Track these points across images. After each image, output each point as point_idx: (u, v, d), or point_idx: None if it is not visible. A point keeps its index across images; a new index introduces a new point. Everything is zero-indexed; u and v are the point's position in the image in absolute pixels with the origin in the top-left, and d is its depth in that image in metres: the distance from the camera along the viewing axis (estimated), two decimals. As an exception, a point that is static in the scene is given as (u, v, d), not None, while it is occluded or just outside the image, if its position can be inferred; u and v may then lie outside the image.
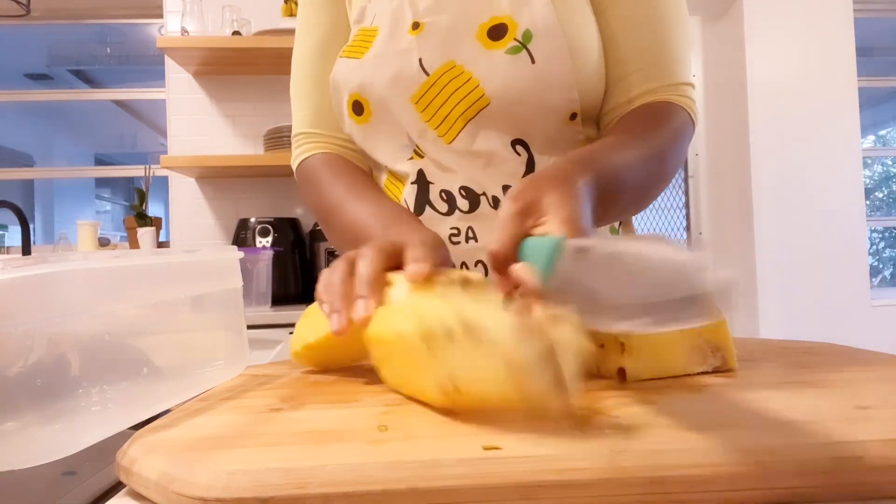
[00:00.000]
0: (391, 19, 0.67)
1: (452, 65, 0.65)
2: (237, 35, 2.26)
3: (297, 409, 0.41)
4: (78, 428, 0.36)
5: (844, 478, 0.28)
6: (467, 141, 0.66)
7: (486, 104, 0.65)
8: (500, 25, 0.64)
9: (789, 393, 0.40)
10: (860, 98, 2.65)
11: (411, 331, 0.35)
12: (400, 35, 0.67)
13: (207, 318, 0.53)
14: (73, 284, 0.37)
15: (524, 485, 0.28)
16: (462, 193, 0.67)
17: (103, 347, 0.40)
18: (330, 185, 0.72)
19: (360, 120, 0.70)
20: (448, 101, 0.65)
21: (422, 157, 0.69)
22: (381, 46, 0.67)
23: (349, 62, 0.70)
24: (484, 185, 0.66)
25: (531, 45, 0.63)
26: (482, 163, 0.66)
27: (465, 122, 0.66)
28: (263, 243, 2.19)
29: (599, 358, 0.47)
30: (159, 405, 0.43)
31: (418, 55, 0.65)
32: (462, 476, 0.28)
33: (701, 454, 0.29)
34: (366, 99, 0.68)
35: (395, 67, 0.66)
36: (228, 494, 0.28)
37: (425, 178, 0.68)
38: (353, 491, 0.27)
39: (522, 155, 0.67)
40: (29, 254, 2.14)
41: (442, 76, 0.65)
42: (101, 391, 0.38)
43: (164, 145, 2.54)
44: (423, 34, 0.65)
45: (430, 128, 0.67)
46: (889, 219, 3.88)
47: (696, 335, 0.46)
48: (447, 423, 0.36)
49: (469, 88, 0.65)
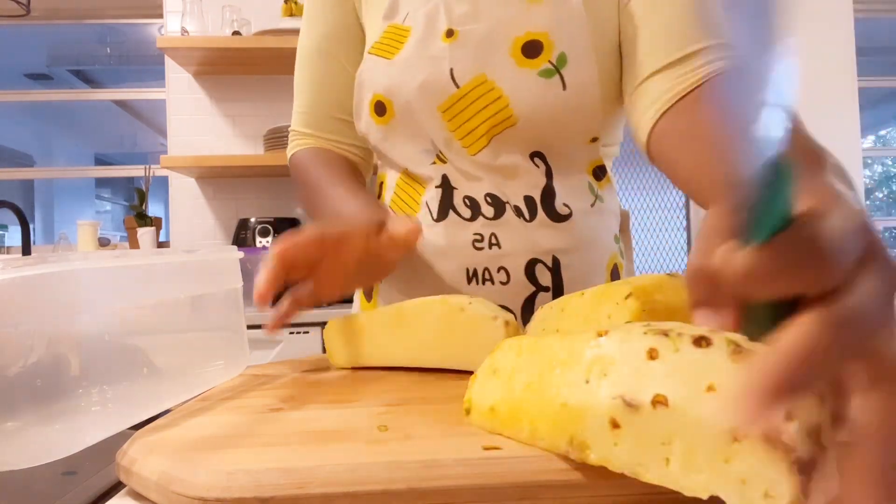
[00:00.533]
0: (425, 22, 0.66)
1: (483, 79, 0.64)
2: (237, 35, 2.26)
3: (297, 409, 0.41)
4: (78, 428, 0.36)
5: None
6: (491, 156, 0.66)
7: (514, 124, 0.65)
8: (536, 42, 0.63)
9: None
10: (860, 98, 2.65)
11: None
12: (433, 40, 0.66)
13: (208, 318, 0.53)
14: (73, 284, 0.37)
15: (524, 485, 0.28)
16: (488, 200, 0.66)
17: (103, 347, 0.40)
18: (314, 177, 0.74)
19: (381, 121, 0.70)
20: (476, 116, 0.65)
21: (445, 163, 0.68)
22: (413, 49, 0.66)
23: (378, 61, 0.69)
24: (507, 194, 0.66)
25: (564, 71, 0.63)
26: (504, 174, 0.67)
27: (490, 139, 0.66)
28: (263, 243, 2.19)
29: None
30: (159, 405, 0.43)
31: (450, 65, 0.65)
32: (462, 476, 0.28)
33: None
34: (390, 101, 0.68)
35: (426, 74, 0.65)
36: (228, 494, 0.28)
37: (450, 184, 0.68)
38: (353, 491, 0.27)
39: (541, 167, 0.67)
40: (29, 254, 2.14)
41: (472, 90, 0.65)
42: (101, 391, 0.38)
43: (164, 145, 2.54)
44: (456, 43, 0.65)
45: (456, 138, 0.67)
46: (889, 219, 3.88)
47: None
48: (447, 423, 0.36)
49: (498, 107, 0.64)
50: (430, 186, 0.69)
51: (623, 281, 0.49)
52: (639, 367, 0.26)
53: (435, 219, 0.68)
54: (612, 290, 0.47)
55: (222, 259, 0.53)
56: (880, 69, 3.73)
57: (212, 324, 0.54)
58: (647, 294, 0.45)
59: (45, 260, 0.34)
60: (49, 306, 0.35)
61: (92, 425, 0.37)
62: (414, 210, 0.70)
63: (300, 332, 1.90)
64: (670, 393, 0.24)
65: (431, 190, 0.68)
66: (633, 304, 0.44)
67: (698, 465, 0.24)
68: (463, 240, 0.66)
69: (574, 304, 0.51)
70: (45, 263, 0.34)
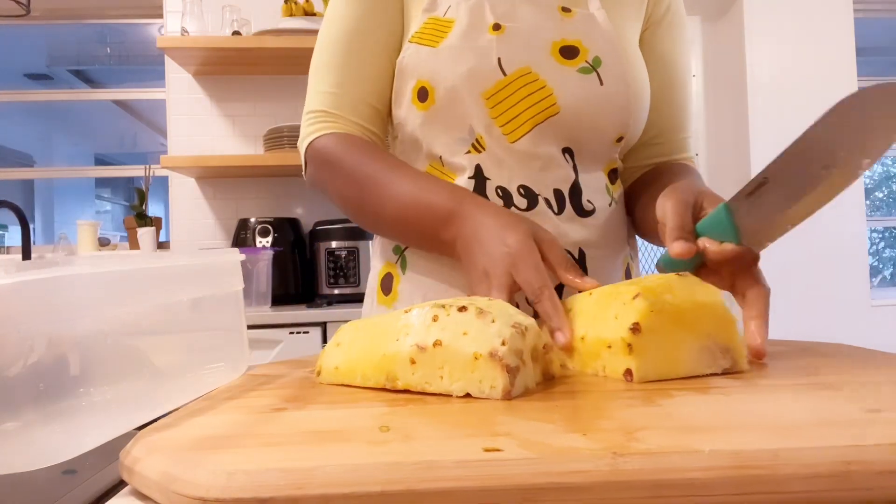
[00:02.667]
0: (469, 15, 0.68)
1: (528, 70, 0.67)
2: (237, 35, 2.26)
3: (300, 409, 0.41)
4: (78, 430, 0.36)
5: (853, 483, 0.27)
6: (531, 144, 0.68)
7: (556, 112, 0.67)
8: (572, 47, 0.69)
9: (799, 395, 0.39)
10: (860, 98, 2.64)
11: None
12: (480, 32, 0.68)
13: (208, 319, 0.53)
14: (74, 289, 0.37)
15: (524, 487, 0.27)
16: (521, 192, 0.68)
17: (104, 348, 0.40)
18: (360, 160, 0.69)
19: (423, 107, 0.70)
20: (520, 104, 0.67)
21: (479, 153, 0.69)
22: (459, 39, 0.68)
23: (421, 49, 0.69)
24: (539, 187, 0.68)
25: (600, 70, 0.69)
26: (539, 165, 0.68)
27: (533, 126, 0.68)
28: (263, 243, 2.19)
29: (606, 359, 0.46)
30: (160, 407, 0.43)
31: (497, 54, 0.67)
32: (461, 478, 0.28)
33: (704, 458, 0.28)
34: (434, 87, 0.68)
35: (473, 62, 0.67)
36: (227, 495, 0.28)
37: (482, 174, 0.69)
38: (352, 492, 0.27)
39: (569, 162, 0.70)
40: (29, 253, 2.14)
41: (518, 79, 0.67)
42: (102, 392, 0.38)
43: (164, 145, 2.54)
44: (504, 36, 0.67)
45: (497, 125, 0.68)
46: (889, 219, 3.87)
47: (706, 336, 0.45)
48: (450, 424, 0.35)
49: (543, 95, 0.67)
50: (462, 177, 0.69)
51: (632, 281, 0.50)
52: (427, 326, 0.44)
53: None
54: (620, 291, 0.47)
55: (223, 262, 0.53)
56: (880, 69, 3.72)
57: (212, 326, 0.54)
58: (655, 294, 0.45)
59: (46, 264, 0.34)
60: (51, 311, 0.35)
61: (93, 428, 0.37)
62: None
63: (300, 333, 1.90)
64: (443, 338, 0.43)
65: (464, 180, 0.69)
66: (640, 304, 0.44)
67: (458, 377, 0.42)
68: None
69: (581, 304, 0.52)
70: (47, 269, 0.34)
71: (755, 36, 2.66)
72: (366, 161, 0.69)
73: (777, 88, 2.64)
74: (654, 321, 0.44)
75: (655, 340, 0.44)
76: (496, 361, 0.41)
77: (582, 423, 0.34)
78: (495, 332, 0.42)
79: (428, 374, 0.43)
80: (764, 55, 2.65)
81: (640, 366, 0.44)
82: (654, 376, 0.44)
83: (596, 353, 0.48)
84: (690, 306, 0.45)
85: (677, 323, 0.45)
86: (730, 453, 0.28)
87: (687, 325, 0.45)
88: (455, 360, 0.42)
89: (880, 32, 3.66)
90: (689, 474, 0.27)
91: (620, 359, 0.45)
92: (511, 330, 0.42)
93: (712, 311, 0.46)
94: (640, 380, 0.44)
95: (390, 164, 0.69)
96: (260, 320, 1.88)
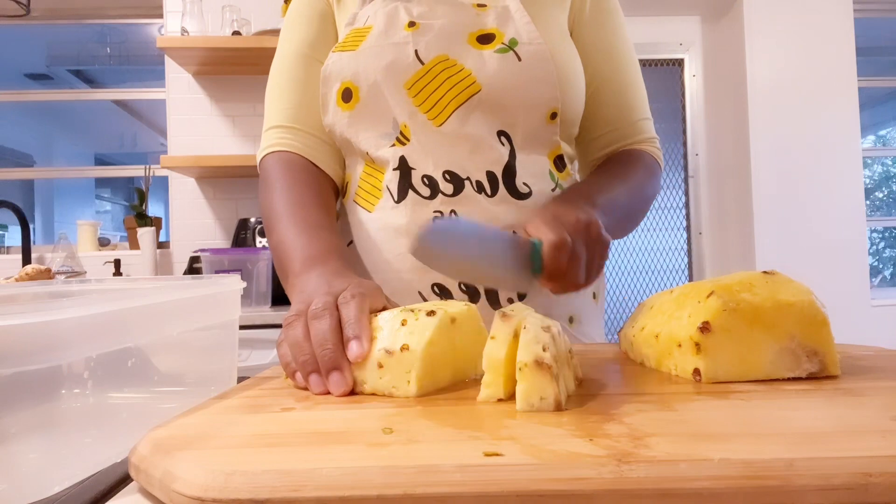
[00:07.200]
0: (386, 18, 0.72)
1: (446, 58, 0.70)
2: (237, 35, 2.26)
3: (309, 409, 0.41)
4: (74, 440, 0.36)
5: (873, 496, 0.26)
6: (457, 124, 0.70)
7: (478, 90, 0.69)
8: (489, 34, 0.71)
9: (825, 400, 0.37)
10: (860, 98, 2.65)
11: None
12: (396, 30, 0.71)
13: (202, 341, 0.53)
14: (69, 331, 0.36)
15: (522, 494, 0.27)
16: (446, 178, 0.70)
17: (102, 353, 0.40)
18: (281, 191, 0.72)
19: (348, 107, 0.73)
20: (441, 87, 0.70)
21: (404, 145, 0.71)
22: (377, 39, 0.71)
23: (343, 55, 0.73)
24: (468, 169, 0.70)
25: (517, 49, 0.70)
26: (469, 147, 0.70)
27: (457, 107, 0.70)
28: (263, 243, 2.19)
29: (677, 358, 0.45)
30: (161, 410, 0.42)
31: (414, 47, 0.70)
32: (459, 483, 0.27)
33: (714, 467, 0.27)
34: (357, 86, 0.72)
35: (391, 56, 0.70)
36: (225, 495, 0.28)
37: (407, 164, 0.71)
38: (349, 495, 0.27)
39: (506, 146, 0.71)
40: (29, 254, 2.14)
41: (436, 66, 0.70)
42: (102, 393, 0.38)
43: (164, 145, 2.54)
44: (419, 30, 0.71)
45: (421, 111, 0.70)
46: (889, 219, 3.87)
47: (788, 337, 0.43)
48: (456, 426, 0.35)
49: (462, 76, 0.70)
50: (388, 170, 0.72)
51: (713, 279, 0.48)
52: (396, 330, 0.45)
53: (396, 201, 0.71)
54: (697, 289, 0.46)
55: (223, 293, 0.53)
56: (880, 69, 3.72)
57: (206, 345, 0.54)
58: (731, 293, 0.43)
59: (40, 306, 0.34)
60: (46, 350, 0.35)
61: (87, 446, 0.36)
62: (377, 197, 0.73)
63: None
64: (410, 343, 0.44)
65: (390, 173, 0.71)
66: (713, 303, 0.43)
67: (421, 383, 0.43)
68: (423, 217, 0.69)
69: (660, 302, 0.51)
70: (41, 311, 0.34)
71: (755, 36, 2.65)
72: (281, 192, 0.72)
73: (777, 88, 2.64)
74: (726, 320, 0.42)
75: (728, 340, 0.42)
76: (544, 370, 0.37)
77: (589, 427, 0.33)
78: (532, 338, 0.38)
79: (396, 378, 0.43)
80: (764, 55, 2.65)
81: (708, 366, 0.42)
82: (724, 377, 0.43)
83: (668, 352, 0.47)
84: (771, 305, 0.43)
85: (754, 323, 0.43)
86: (741, 462, 0.27)
87: (766, 326, 0.43)
88: (423, 366, 0.43)
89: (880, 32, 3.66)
90: (697, 484, 0.26)
91: (689, 358, 0.44)
92: (546, 335, 0.39)
93: (798, 311, 0.43)
94: (708, 380, 0.42)
95: (294, 201, 0.71)
96: (260, 320, 1.88)
